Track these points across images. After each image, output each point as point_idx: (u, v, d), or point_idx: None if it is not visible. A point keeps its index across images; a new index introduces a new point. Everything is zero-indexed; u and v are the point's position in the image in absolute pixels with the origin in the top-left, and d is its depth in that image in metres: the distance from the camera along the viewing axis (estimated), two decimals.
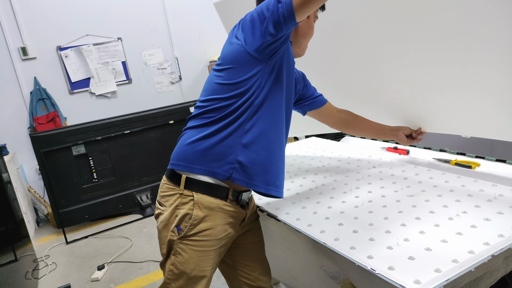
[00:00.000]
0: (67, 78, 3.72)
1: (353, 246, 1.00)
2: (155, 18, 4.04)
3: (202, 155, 1.11)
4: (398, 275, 0.85)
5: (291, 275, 1.49)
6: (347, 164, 1.68)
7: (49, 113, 3.58)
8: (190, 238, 1.12)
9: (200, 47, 4.32)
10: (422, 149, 1.73)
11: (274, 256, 1.50)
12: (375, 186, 1.38)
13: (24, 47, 3.50)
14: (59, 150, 3.16)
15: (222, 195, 1.13)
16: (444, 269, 0.85)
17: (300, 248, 1.29)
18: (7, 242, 2.13)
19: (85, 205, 3.32)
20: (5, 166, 2.52)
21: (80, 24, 3.72)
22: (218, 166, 1.11)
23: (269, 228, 1.44)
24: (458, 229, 1.00)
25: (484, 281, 0.93)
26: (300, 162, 1.78)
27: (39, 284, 2.53)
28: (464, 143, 1.77)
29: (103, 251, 2.85)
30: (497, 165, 1.41)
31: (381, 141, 1.94)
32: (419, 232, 1.02)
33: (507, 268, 0.97)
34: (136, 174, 3.46)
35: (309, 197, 1.38)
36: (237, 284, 1.32)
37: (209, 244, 1.13)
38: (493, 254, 0.87)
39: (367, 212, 1.19)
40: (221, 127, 1.10)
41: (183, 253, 1.13)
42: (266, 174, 1.14)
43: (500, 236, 0.94)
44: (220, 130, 1.10)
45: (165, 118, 3.52)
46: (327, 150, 1.93)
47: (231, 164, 1.10)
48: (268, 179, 1.14)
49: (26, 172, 3.64)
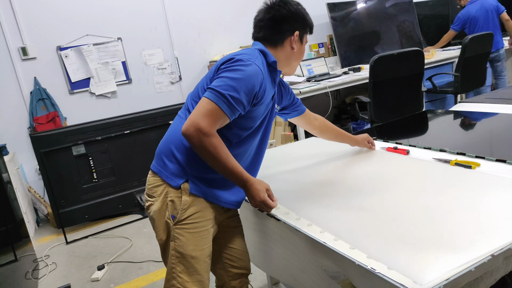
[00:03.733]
0: (67, 78, 3.71)
1: (353, 246, 1.00)
2: (155, 18, 4.04)
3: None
4: (398, 275, 0.85)
5: (291, 275, 1.49)
6: (347, 163, 1.68)
7: (49, 113, 3.58)
8: (184, 222, 1.25)
9: (200, 47, 4.32)
10: (422, 149, 1.73)
11: (274, 256, 1.50)
12: (375, 186, 1.38)
13: (24, 47, 3.50)
14: (59, 150, 3.16)
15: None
16: (444, 269, 0.85)
17: (300, 248, 1.29)
18: (7, 242, 2.13)
19: (85, 205, 3.32)
20: (5, 166, 2.52)
21: (80, 24, 3.72)
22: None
23: (269, 228, 1.44)
24: (458, 229, 1.00)
25: (484, 281, 0.93)
26: (300, 162, 1.78)
27: (39, 284, 2.53)
28: (464, 143, 1.77)
29: (103, 251, 2.85)
30: (497, 165, 1.41)
31: (381, 141, 1.94)
32: (419, 232, 1.02)
33: (507, 268, 0.97)
34: (136, 174, 3.45)
35: (309, 196, 1.38)
36: (220, 265, 1.48)
37: (202, 225, 1.27)
38: (493, 254, 0.87)
39: (367, 211, 1.19)
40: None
41: (180, 237, 1.25)
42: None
43: (500, 236, 0.94)
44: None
45: (165, 118, 3.52)
46: (327, 149, 1.93)
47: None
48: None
49: (26, 172, 3.64)
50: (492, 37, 3.90)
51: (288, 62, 1.38)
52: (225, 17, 4.40)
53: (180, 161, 1.27)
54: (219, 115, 1.15)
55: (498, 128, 1.88)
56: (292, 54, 1.36)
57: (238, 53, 1.24)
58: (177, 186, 1.26)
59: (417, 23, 5.12)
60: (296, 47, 1.35)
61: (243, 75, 1.17)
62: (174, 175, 1.27)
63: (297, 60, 1.40)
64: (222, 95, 1.14)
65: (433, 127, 2.16)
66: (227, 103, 1.15)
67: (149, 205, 1.32)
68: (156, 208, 1.28)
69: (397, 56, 3.21)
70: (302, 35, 1.37)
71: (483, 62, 4.02)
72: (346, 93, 4.85)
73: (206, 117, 1.13)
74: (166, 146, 1.32)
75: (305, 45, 1.41)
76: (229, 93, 1.15)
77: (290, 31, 1.33)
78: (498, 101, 2.30)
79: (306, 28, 1.38)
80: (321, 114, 1.84)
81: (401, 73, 3.28)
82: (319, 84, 3.77)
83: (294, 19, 1.33)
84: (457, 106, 2.43)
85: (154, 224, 1.31)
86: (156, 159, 1.36)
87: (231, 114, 1.17)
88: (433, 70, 4.27)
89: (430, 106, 4.41)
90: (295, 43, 1.34)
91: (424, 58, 3.35)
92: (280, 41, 1.33)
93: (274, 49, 1.34)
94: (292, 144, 2.13)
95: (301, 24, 1.35)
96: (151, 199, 1.31)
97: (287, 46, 1.34)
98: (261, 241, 1.67)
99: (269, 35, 1.33)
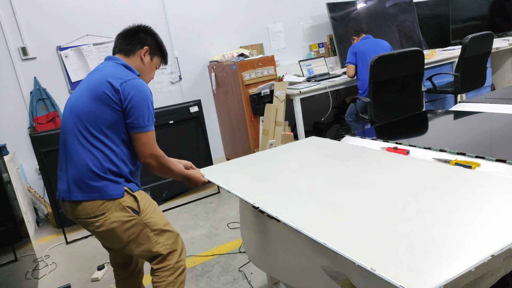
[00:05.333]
0: (67, 78, 3.72)
1: (353, 246, 1.00)
2: (155, 18, 4.04)
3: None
4: (398, 275, 0.85)
5: (291, 275, 1.49)
6: (346, 163, 1.68)
7: (49, 113, 3.58)
8: (145, 210, 1.58)
9: (200, 47, 4.32)
10: (422, 149, 1.73)
11: (274, 256, 1.50)
12: (375, 185, 1.38)
13: (24, 47, 3.50)
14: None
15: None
16: (444, 269, 0.85)
17: (300, 248, 1.29)
18: (7, 242, 2.13)
19: None
20: (5, 166, 2.52)
21: (80, 24, 3.72)
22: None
23: (269, 228, 1.45)
24: (458, 229, 1.00)
25: (484, 281, 0.93)
26: (300, 162, 1.78)
27: (39, 284, 2.53)
28: (464, 143, 1.77)
29: (103, 251, 2.85)
30: (497, 165, 1.41)
31: (381, 141, 1.94)
32: (419, 232, 1.02)
33: (507, 268, 0.97)
34: None
35: (309, 196, 1.38)
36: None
37: (152, 202, 1.65)
38: (493, 254, 0.87)
39: (367, 211, 1.19)
40: None
41: (150, 220, 1.59)
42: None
43: (500, 236, 0.94)
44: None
45: (165, 118, 3.52)
46: (327, 149, 1.93)
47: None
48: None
49: (26, 172, 3.64)
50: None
51: (142, 76, 1.70)
52: (225, 17, 4.40)
53: (109, 178, 1.51)
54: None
55: (498, 128, 1.88)
56: (142, 69, 1.71)
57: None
58: (122, 194, 1.52)
59: (417, 23, 5.12)
60: (146, 63, 1.71)
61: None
62: (112, 190, 1.51)
63: (147, 76, 1.75)
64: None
65: (433, 127, 2.16)
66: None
67: (100, 224, 1.51)
68: (112, 219, 1.51)
69: (397, 56, 3.22)
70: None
71: (483, 62, 4.02)
72: (346, 93, 4.85)
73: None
74: (80, 176, 1.51)
75: (158, 68, 1.78)
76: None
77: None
78: (498, 101, 2.30)
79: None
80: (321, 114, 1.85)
81: (401, 73, 3.29)
82: (319, 84, 3.77)
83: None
84: (457, 106, 2.43)
85: (118, 230, 1.53)
86: (77, 190, 1.51)
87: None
88: (433, 70, 4.27)
89: (430, 106, 4.41)
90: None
91: (424, 58, 3.35)
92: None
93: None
94: (292, 144, 2.13)
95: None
96: (100, 217, 1.50)
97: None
98: (261, 241, 1.68)
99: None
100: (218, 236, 2.83)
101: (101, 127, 1.50)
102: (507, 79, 5.37)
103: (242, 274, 2.28)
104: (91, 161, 1.49)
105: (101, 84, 1.51)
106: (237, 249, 2.57)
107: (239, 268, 2.35)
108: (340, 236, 1.07)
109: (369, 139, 2.02)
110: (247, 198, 1.40)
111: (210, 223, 3.06)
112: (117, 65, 1.60)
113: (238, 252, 2.53)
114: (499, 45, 4.62)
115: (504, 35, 5.51)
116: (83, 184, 1.49)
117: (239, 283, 2.21)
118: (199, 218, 3.21)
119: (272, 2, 4.62)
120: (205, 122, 3.82)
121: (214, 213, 3.25)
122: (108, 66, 1.59)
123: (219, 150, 4.59)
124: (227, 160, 3.29)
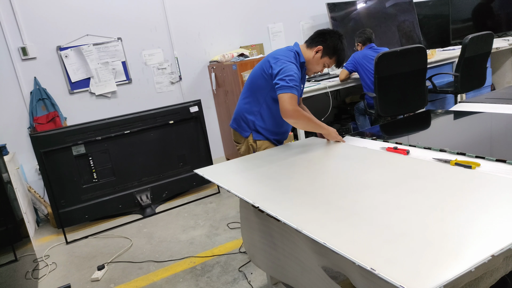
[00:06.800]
0: (67, 78, 3.71)
1: (353, 246, 1.00)
2: (155, 18, 4.04)
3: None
4: (398, 275, 0.85)
5: (291, 275, 1.49)
6: (347, 163, 1.68)
7: (49, 113, 3.58)
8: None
9: (200, 47, 4.32)
10: (422, 149, 1.73)
11: (274, 256, 1.50)
12: (375, 185, 1.38)
13: (24, 47, 3.50)
14: (59, 150, 3.16)
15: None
16: (444, 269, 0.85)
17: (300, 248, 1.29)
18: (7, 242, 2.13)
19: (85, 205, 3.32)
20: (5, 166, 2.52)
21: (80, 24, 3.72)
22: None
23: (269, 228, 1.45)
24: (458, 229, 1.00)
25: (484, 281, 0.93)
26: (300, 162, 1.78)
27: (39, 284, 2.53)
28: (464, 143, 1.77)
29: (103, 251, 2.86)
30: (497, 165, 1.41)
31: (381, 141, 1.94)
32: (419, 232, 1.02)
33: (507, 268, 0.97)
34: (136, 174, 3.45)
35: (309, 196, 1.38)
36: None
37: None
38: (493, 254, 0.87)
39: (367, 211, 1.19)
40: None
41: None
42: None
43: (500, 236, 0.94)
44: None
45: (165, 118, 3.52)
46: (327, 149, 1.93)
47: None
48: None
49: (26, 172, 3.64)
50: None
51: (307, 66, 2.13)
52: (225, 17, 4.40)
53: (249, 123, 2.18)
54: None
55: (498, 128, 1.88)
56: (308, 62, 2.11)
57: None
58: (247, 135, 2.19)
59: (417, 23, 5.12)
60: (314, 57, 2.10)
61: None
62: (245, 131, 2.20)
63: (310, 69, 2.16)
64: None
65: (433, 127, 2.16)
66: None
67: (238, 148, 2.29)
68: (243, 149, 2.23)
69: (400, 53, 3.29)
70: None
71: (483, 62, 4.02)
72: (346, 93, 4.85)
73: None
74: (238, 116, 2.22)
75: (326, 66, 2.15)
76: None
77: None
78: (498, 101, 2.30)
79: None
80: (321, 114, 1.86)
81: (405, 69, 3.38)
82: (319, 84, 3.76)
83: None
84: (457, 106, 2.43)
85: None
86: (234, 121, 2.26)
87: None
88: (433, 70, 4.27)
89: (430, 106, 4.41)
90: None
91: (426, 54, 3.39)
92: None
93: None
94: (292, 144, 2.13)
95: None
96: (238, 144, 2.28)
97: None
98: (262, 241, 1.68)
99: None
100: (218, 236, 2.83)
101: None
102: (507, 79, 5.37)
103: (242, 274, 2.28)
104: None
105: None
106: (237, 249, 2.57)
107: (239, 268, 2.35)
108: (340, 236, 1.07)
109: (369, 139, 2.02)
110: (247, 198, 1.40)
111: (210, 223, 3.06)
112: (289, 49, 2.10)
113: (238, 252, 2.53)
114: (499, 45, 4.62)
115: (504, 35, 5.51)
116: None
117: (239, 283, 2.21)
118: (199, 218, 3.21)
119: (272, 2, 4.62)
120: (205, 122, 3.82)
121: (214, 213, 3.25)
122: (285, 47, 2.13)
123: (219, 150, 4.59)
124: (227, 160, 3.29)
